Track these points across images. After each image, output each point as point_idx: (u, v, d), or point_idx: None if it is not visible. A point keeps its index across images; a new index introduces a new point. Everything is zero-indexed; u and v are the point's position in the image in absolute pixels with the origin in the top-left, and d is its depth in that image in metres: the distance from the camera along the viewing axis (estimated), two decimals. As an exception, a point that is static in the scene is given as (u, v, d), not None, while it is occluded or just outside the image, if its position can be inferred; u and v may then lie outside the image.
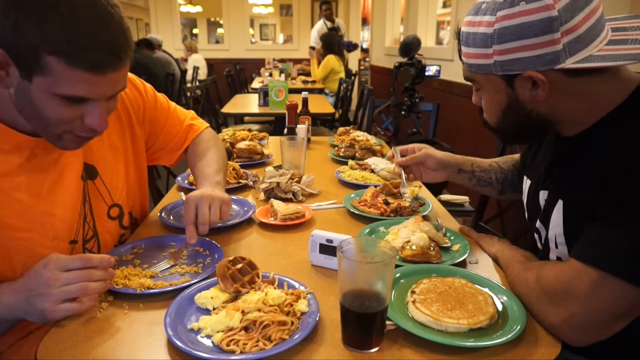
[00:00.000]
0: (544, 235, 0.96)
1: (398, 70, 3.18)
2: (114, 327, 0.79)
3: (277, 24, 13.56)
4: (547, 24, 0.75)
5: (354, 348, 0.74)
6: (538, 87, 0.81)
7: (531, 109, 0.86)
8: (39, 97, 0.79)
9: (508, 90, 0.86)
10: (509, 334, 0.74)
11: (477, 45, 0.84)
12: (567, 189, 0.88)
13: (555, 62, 0.78)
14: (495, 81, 0.86)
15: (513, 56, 0.80)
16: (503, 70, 0.83)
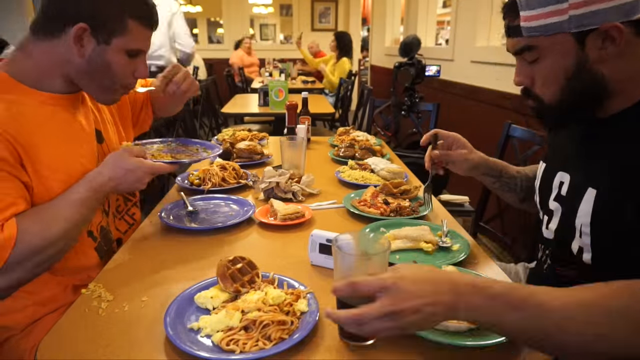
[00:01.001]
0: (559, 218, 0.92)
1: (398, 70, 3.19)
2: (114, 327, 0.79)
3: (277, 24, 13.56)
4: None
5: (349, 340, 0.75)
6: (609, 43, 0.80)
7: (597, 71, 0.83)
8: (113, 57, 1.04)
9: (577, 51, 0.82)
10: (509, 334, 0.74)
11: (547, 3, 0.81)
12: (602, 178, 0.85)
13: (632, 12, 0.76)
14: (564, 42, 0.82)
15: (590, 8, 0.77)
16: (577, 26, 0.80)
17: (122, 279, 0.95)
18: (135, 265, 1.01)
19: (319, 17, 9.56)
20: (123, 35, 1.03)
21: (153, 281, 0.95)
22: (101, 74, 1.05)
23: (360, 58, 9.33)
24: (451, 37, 3.84)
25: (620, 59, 0.81)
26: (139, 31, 1.05)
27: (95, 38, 1.01)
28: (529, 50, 0.88)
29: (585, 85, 0.84)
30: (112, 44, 1.02)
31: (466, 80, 3.50)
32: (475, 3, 3.35)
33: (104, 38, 1.01)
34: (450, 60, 3.82)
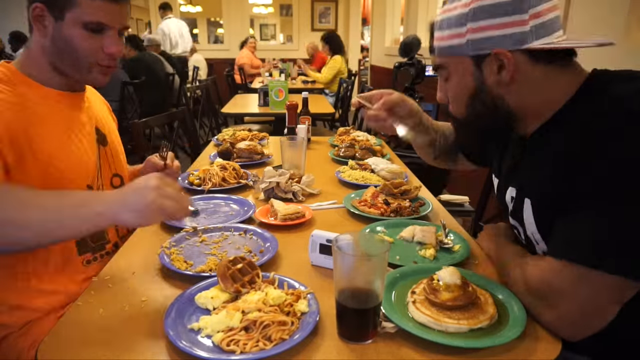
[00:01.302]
0: (522, 231, 0.97)
1: (398, 70, 3.18)
2: (114, 327, 0.79)
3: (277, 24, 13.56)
4: (518, 4, 0.81)
5: (349, 340, 0.75)
6: (503, 70, 0.85)
7: (497, 95, 0.88)
8: (71, 32, 1.02)
9: (476, 73, 0.88)
10: (509, 334, 0.74)
11: (452, 26, 0.88)
12: (532, 188, 0.90)
13: (522, 42, 0.82)
14: (464, 63, 0.89)
15: (485, 34, 0.84)
16: (474, 50, 0.86)
17: (122, 279, 0.95)
18: (136, 265, 1.01)
19: (319, 17, 9.57)
20: (73, 8, 1.01)
21: (153, 281, 0.95)
22: (67, 52, 1.05)
23: (360, 58, 9.33)
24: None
25: (519, 85, 0.86)
26: (91, 3, 1.01)
27: (51, 16, 1.02)
28: (441, 69, 0.95)
29: (486, 106, 0.90)
30: (66, 18, 1.02)
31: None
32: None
33: (57, 14, 1.02)
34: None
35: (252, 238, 1.13)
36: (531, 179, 0.91)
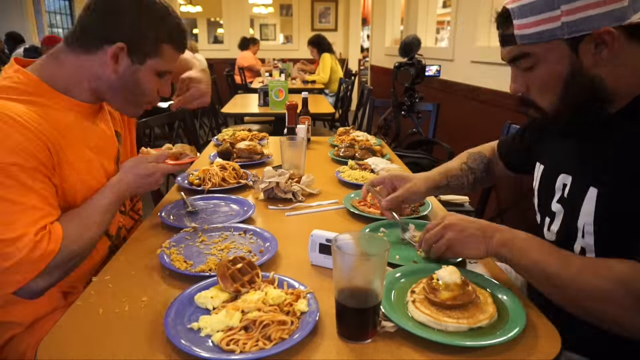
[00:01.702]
0: (561, 220, 0.95)
1: (398, 70, 3.18)
2: (114, 327, 0.79)
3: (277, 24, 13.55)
4: None
5: (348, 340, 0.75)
6: (602, 49, 0.81)
7: (596, 75, 0.84)
8: (145, 76, 1.09)
9: (572, 57, 0.84)
10: (509, 334, 0.74)
11: (540, 11, 0.82)
12: (602, 178, 0.86)
13: (623, 17, 0.78)
14: (558, 48, 0.84)
15: (582, 15, 0.79)
16: (570, 33, 0.81)
17: (122, 279, 0.95)
18: (136, 265, 1.01)
19: (319, 17, 9.56)
20: (157, 58, 1.08)
21: (153, 281, 0.95)
22: (130, 90, 1.10)
23: (360, 58, 9.33)
24: (451, 37, 3.84)
25: (615, 62, 0.83)
26: (170, 54, 1.11)
27: (130, 57, 1.06)
28: (524, 58, 0.89)
29: (583, 89, 0.85)
30: (146, 64, 1.08)
31: (466, 80, 3.50)
32: (475, 3, 3.35)
33: (139, 59, 1.06)
34: (450, 60, 3.82)
35: (252, 238, 1.14)
36: (601, 167, 0.87)
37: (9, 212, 0.88)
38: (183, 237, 1.12)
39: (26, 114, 0.94)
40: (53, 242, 0.91)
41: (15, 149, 0.89)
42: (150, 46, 1.07)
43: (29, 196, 0.91)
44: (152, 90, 1.13)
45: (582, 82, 0.85)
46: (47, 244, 0.90)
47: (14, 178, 0.89)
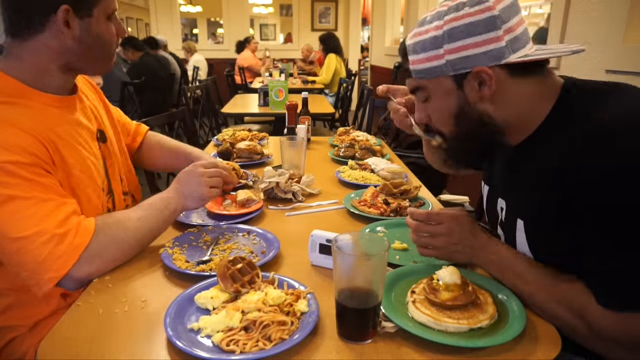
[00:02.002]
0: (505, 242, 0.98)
1: (398, 70, 3.18)
2: (114, 327, 0.79)
3: (277, 24, 13.56)
4: (491, 22, 0.82)
5: (348, 340, 0.75)
6: (484, 85, 0.85)
7: (482, 110, 0.88)
8: (99, 26, 1.03)
9: (458, 93, 0.88)
10: (509, 334, 0.74)
11: (427, 49, 0.87)
12: (525, 209, 0.90)
13: (500, 57, 0.83)
14: (445, 84, 0.88)
15: (463, 54, 0.84)
16: (454, 70, 0.86)
17: (122, 279, 0.95)
18: (136, 265, 1.01)
19: (319, 17, 9.56)
20: (100, 2, 1.02)
21: (153, 281, 0.95)
22: (94, 48, 1.05)
23: (360, 58, 9.33)
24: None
25: (501, 99, 0.87)
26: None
27: (78, 16, 1.00)
28: (419, 90, 0.94)
29: (472, 122, 0.90)
30: (94, 15, 1.02)
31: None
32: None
33: (87, 12, 1.01)
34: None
35: (255, 239, 1.14)
36: (523, 198, 0.91)
37: (21, 208, 0.87)
38: (187, 237, 1.12)
39: (11, 115, 0.93)
40: (81, 235, 0.91)
41: (7, 147, 0.88)
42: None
43: (35, 189, 0.89)
44: (111, 37, 1.07)
45: (470, 116, 0.89)
46: (74, 237, 0.90)
47: (15, 175, 0.88)
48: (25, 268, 0.88)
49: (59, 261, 0.88)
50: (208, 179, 1.12)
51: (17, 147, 0.89)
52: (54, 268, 0.87)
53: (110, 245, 0.95)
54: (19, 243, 0.86)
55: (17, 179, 0.88)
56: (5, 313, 1.03)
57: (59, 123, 1.02)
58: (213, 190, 1.13)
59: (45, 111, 1.01)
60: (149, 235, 1.04)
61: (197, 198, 1.11)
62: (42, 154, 0.93)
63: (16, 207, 0.87)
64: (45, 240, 0.87)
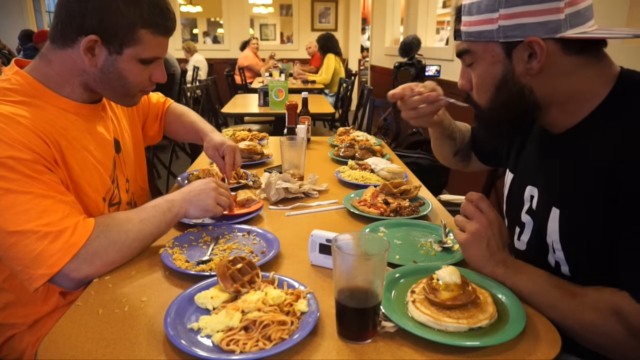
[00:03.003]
0: (531, 231, 0.96)
1: (398, 70, 3.19)
2: (114, 327, 0.79)
3: (277, 24, 13.56)
4: None
5: (348, 340, 0.75)
6: (534, 58, 0.82)
7: (524, 84, 0.86)
8: (126, 66, 1.04)
9: (505, 61, 0.85)
10: (509, 334, 0.74)
11: (482, 11, 0.84)
12: (563, 198, 0.88)
13: (556, 30, 0.79)
14: (493, 50, 0.86)
15: (518, 21, 0.81)
16: (505, 37, 0.83)
17: (122, 278, 0.95)
18: (136, 265, 1.01)
19: (319, 17, 9.56)
20: (135, 46, 1.02)
21: (153, 281, 0.95)
22: (116, 82, 1.06)
23: (360, 58, 9.33)
24: (451, 37, 3.83)
25: (548, 75, 0.84)
26: (151, 40, 1.03)
27: (107, 48, 1.01)
28: (466, 54, 0.91)
29: (511, 95, 0.87)
30: (124, 53, 1.02)
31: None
32: None
33: (116, 49, 1.01)
34: (450, 60, 3.82)
35: (255, 239, 1.14)
36: (562, 186, 0.88)
37: (18, 203, 0.87)
38: (187, 237, 1.12)
39: (22, 114, 0.94)
40: (78, 235, 0.90)
41: (11, 143, 0.88)
42: (125, 34, 1.00)
43: (33, 185, 0.89)
44: (139, 80, 1.08)
45: (511, 89, 0.87)
46: (71, 235, 0.89)
47: (15, 170, 0.88)
48: (19, 262, 0.87)
49: (53, 258, 0.87)
50: (218, 195, 1.14)
51: (19, 144, 0.89)
52: (47, 264, 0.87)
53: (111, 246, 0.95)
54: (14, 237, 0.86)
55: (17, 174, 0.88)
56: (5, 310, 1.03)
57: (70, 128, 1.04)
58: (218, 207, 1.13)
59: (58, 115, 1.02)
60: (149, 238, 1.04)
61: (202, 208, 1.11)
62: (44, 152, 0.93)
63: (13, 201, 0.87)
64: (40, 236, 0.87)
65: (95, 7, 0.97)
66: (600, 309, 0.77)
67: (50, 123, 0.98)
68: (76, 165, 1.02)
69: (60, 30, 1.01)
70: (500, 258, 0.90)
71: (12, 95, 0.97)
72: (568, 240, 0.87)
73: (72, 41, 1.00)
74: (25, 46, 5.41)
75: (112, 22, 0.98)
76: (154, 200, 1.08)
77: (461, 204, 0.94)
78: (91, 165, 1.08)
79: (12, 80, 1.00)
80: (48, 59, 1.04)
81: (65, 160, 1.00)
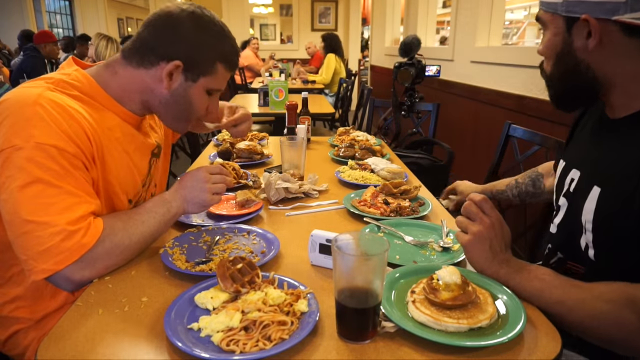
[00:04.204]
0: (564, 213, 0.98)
1: (398, 70, 3.18)
2: (114, 327, 0.79)
3: (277, 24, 13.56)
4: None
5: (348, 340, 0.75)
6: (591, 37, 0.85)
7: (581, 59, 0.89)
8: (197, 93, 1.10)
9: (565, 35, 0.89)
10: (509, 334, 0.74)
11: None
12: (606, 177, 0.88)
13: (614, 12, 0.81)
14: (557, 22, 0.90)
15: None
16: (567, 11, 0.87)
17: (122, 278, 0.95)
18: (136, 265, 1.01)
19: (319, 17, 9.56)
20: (210, 76, 1.09)
21: (153, 281, 0.95)
22: (180, 106, 1.11)
23: (360, 58, 9.33)
24: (451, 37, 3.83)
25: (607, 54, 0.86)
26: (223, 73, 1.11)
27: (184, 75, 1.06)
28: (539, 21, 0.97)
29: (567, 68, 0.91)
30: (199, 82, 1.08)
31: (466, 80, 3.50)
32: (475, 3, 3.35)
33: (193, 77, 1.07)
34: (450, 60, 3.82)
35: (255, 239, 1.14)
36: (607, 167, 0.90)
37: (45, 194, 0.88)
38: (187, 237, 1.12)
39: (75, 107, 0.96)
40: (89, 236, 0.90)
41: (58, 132, 0.90)
42: (206, 65, 1.07)
43: (66, 180, 0.90)
44: (201, 107, 1.14)
45: (568, 62, 0.90)
46: (83, 236, 0.89)
47: (54, 160, 0.89)
48: (24, 252, 0.88)
49: (60, 256, 0.87)
50: (212, 185, 1.12)
51: (66, 135, 0.91)
52: (52, 261, 0.87)
53: (114, 250, 0.95)
54: (29, 226, 0.87)
55: (55, 164, 0.89)
56: (13, 303, 1.03)
57: (115, 129, 1.06)
58: (215, 197, 1.12)
59: (109, 117, 1.06)
60: (150, 239, 1.04)
61: (199, 204, 1.11)
62: (86, 148, 0.95)
63: (41, 191, 0.88)
64: (55, 231, 0.87)
65: (187, 37, 1.04)
66: (613, 299, 0.77)
67: (98, 122, 1.00)
68: (112, 165, 1.04)
69: (141, 51, 1.05)
70: (503, 258, 0.89)
71: (70, 89, 1.00)
72: (602, 220, 0.88)
73: (151, 64, 1.05)
74: (25, 46, 5.40)
75: (198, 54, 1.05)
76: (151, 201, 1.08)
77: (463, 205, 0.94)
78: (127, 167, 1.10)
79: (72, 76, 1.02)
80: (115, 70, 1.07)
81: (104, 159, 1.01)
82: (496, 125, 2.10)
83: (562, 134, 2.18)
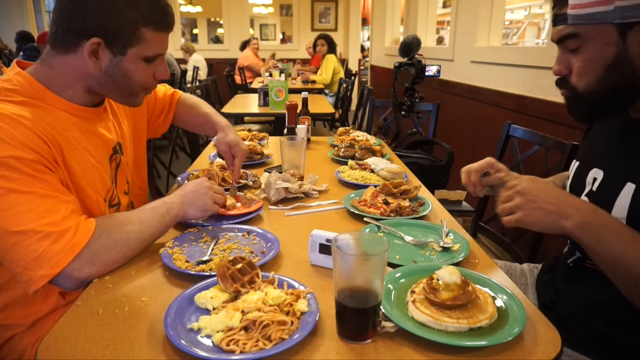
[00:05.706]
0: None
1: (398, 70, 3.18)
2: (114, 327, 0.79)
3: (277, 24, 13.56)
4: None
5: (348, 340, 0.75)
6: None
7: (635, 65, 0.85)
8: (130, 66, 1.04)
9: (618, 43, 0.85)
10: (509, 334, 0.74)
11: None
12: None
13: None
14: (606, 32, 0.85)
15: (636, 1, 0.80)
16: (622, 17, 0.82)
17: (122, 278, 0.95)
18: (136, 265, 1.01)
19: (319, 17, 9.56)
20: (138, 45, 1.03)
21: (153, 281, 0.95)
22: (121, 82, 1.06)
23: (360, 58, 9.33)
24: (451, 37, 3.83)
25: None
26: (153, 37, 1.04)
27: (110, 50, 1.01)
28: (572, 38, 0.90)
29: (622, 77, 0.87)
30: (128, 54, 1.03)
31: (466, 80, 3.50)
32: (475, 3, 3.35)
33: (119, 50, 1.02)
34: (450, 60, 3.82)
35: (255, 239, 1.14)
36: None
37: (20, 202, 0.87)
38: (187, 237, 1.12)
39: (23, 114, 0.93)
40: (80, 235, 0.90)
41: (12, 143, 0.88)
42: (128, 34, 1.00)
43: (36, 185, 0.89)
44: (144, 78, 1.08)
45: (624, 69, 0.86)
46: (73, 235, 0.89)
47: (17, 170, 0.87)
48: (19, 263, 0.87)
49: (54, 259, 0.87)
50: (214, 194, 1.16)
51: (21, 143, 0.89)
52: (48, 265, 0.87)
53: (112, 246, 0.95)
54: (16, 237, 0.86)
55: (19, 173, 0.88)
56: (5, 310, 1.03)
57: (71, 129, 1.03)
58: (215, 205, 1.16)
59: (60, 116, 1.02)
60: (149, 239, 1.04)
61: (200, 208, 1.13)
62: (45, 152, 0.93)
63: (15, 201, 0.86)
64: (42, 236, 0.87)
65: (95, 9, 0.97)
66: None
67: (50, 124, 0.98)
68: (76, 166, 1.02)
69: (61, 36, 1.00)
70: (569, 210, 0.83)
71: (14, 96, 0.97)
72: (637, 215, 0.87)
73: (74, 46, 1.00)
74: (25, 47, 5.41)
75: (113, 23, 0.99)
76: (151, 203, 1.09)
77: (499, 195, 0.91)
78: (91, 165, 1.07)
79: (14, 81, 0.99)
80: (50, 64, 1.03)
81: (66, 161, 0.99)
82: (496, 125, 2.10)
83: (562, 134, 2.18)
